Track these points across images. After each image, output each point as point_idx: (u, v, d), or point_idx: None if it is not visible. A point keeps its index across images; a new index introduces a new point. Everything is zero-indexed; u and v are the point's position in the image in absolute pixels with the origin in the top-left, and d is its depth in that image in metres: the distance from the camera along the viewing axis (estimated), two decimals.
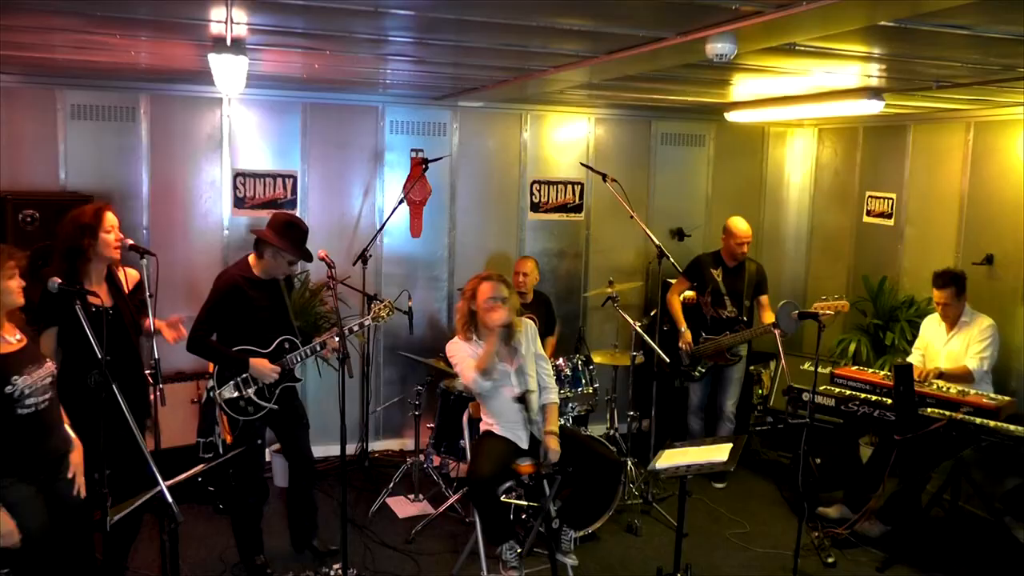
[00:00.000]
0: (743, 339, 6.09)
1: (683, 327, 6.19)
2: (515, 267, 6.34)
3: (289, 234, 4.52)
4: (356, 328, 4.86)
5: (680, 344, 6.17)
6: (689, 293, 6.29)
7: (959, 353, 5.46)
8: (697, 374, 6.26)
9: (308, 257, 4.59)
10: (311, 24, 3.60)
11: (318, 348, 4.71)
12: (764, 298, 6.24)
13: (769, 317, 6.04)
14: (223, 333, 4.53)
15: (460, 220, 6.87)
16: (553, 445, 4.52)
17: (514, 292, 4.65)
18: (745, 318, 6.15)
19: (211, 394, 4.55)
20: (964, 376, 5.31)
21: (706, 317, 6.24)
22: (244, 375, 4.51)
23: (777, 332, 5.23)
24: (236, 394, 4.50)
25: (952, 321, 5.50)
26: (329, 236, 6.34)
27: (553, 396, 4.73)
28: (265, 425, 4.63)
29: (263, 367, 4.51)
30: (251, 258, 4.60)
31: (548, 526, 4.18)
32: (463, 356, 4.60)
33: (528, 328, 4.74)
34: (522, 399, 4.17)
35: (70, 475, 3.49)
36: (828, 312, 5.10)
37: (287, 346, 4.65)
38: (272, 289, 4.62)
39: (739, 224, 6.16)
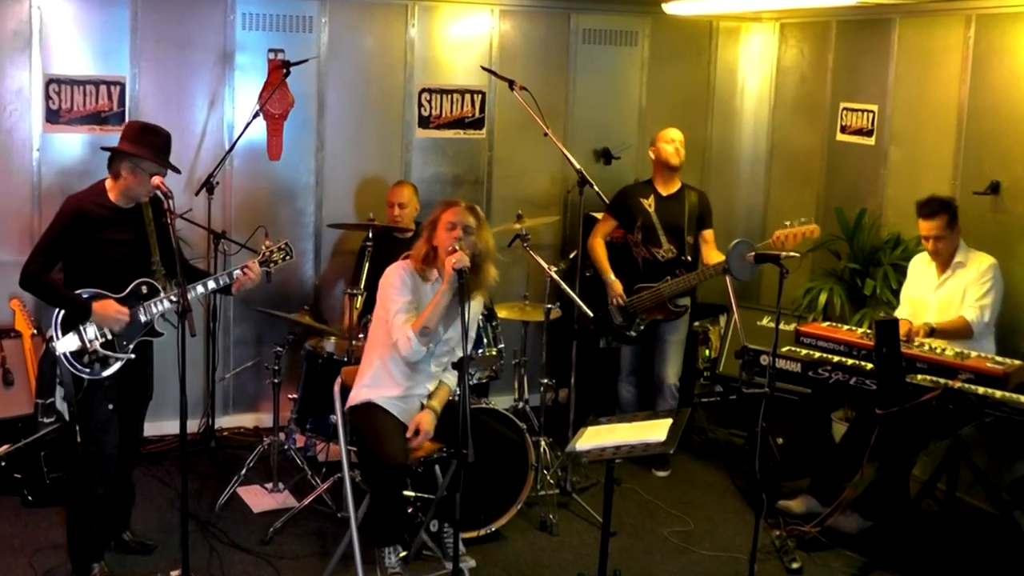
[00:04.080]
0: (687, 285, 5.61)
1: (611, 276, 5.74)
2: (388, 197, 5.80)
3: (147, 139, 4.31)
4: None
5: (610, 299, 5.70)
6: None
7: (953, 301, 5.13)
8: (634, 333, 5.79)
9: (174, 168, 4.38)
10: None
11: (221, 282, 4.40)
12: (708, 232, 5.81)
13: (715, 256, 5.64)
14: (69, 273, 4.33)
15: (330, 138, 6.34)
16: (427, 423, 4.25)
17: (485, 228, 4.38)
18: (689, 258, 5.67)
19: (50, 346, 4.38)
20: (961, 330, 4.99)
21: (637, 260, 5.75)
22: (87, 322, 4.31)
23: (728, 279, 4.78)
24: (78, 345, 4.26)
25: (945, 261, 5.16)
26: None
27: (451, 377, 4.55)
28: (116, 387, 4.35)
29: (107, 310, 4.23)
30: (108, 182, 4.39)
31: (448, 520, 4.18)
32: (402, 301, 4.31)
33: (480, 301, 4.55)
34: (460, 366, 3.87)
35: None
36: (794, 242, 4.75)
37: (144, 291, 4.39)
38: (134, 220, 4.40)
39: (669, 130, 5.79)
